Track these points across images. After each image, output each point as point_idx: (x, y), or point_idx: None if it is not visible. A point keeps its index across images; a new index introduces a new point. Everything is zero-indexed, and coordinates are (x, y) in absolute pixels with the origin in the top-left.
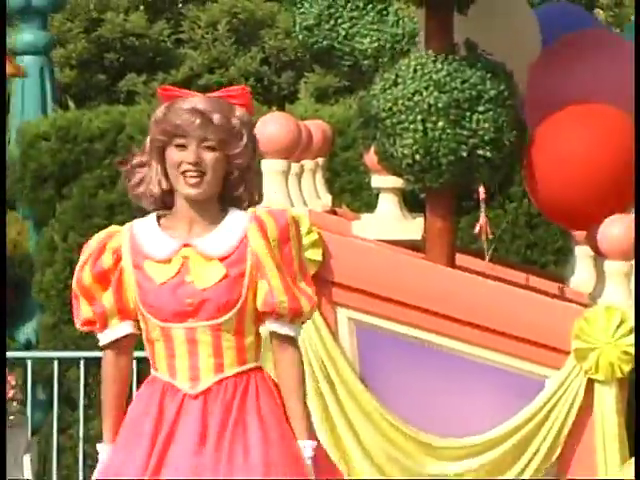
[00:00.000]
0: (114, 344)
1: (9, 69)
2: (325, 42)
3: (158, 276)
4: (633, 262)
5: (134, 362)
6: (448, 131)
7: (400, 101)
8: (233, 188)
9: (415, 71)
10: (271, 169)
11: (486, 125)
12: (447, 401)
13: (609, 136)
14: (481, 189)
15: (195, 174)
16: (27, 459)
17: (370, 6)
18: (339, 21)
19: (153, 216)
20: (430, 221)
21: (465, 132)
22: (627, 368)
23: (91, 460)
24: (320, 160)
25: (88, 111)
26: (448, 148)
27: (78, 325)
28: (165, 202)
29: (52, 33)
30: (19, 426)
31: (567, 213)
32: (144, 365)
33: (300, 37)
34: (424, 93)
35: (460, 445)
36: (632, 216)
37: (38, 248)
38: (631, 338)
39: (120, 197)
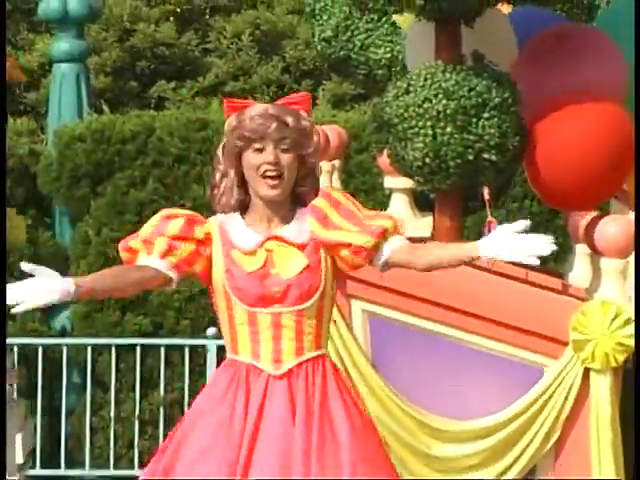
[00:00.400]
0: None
1: (13, 72)
2: (342, 52)
3: (246, 265)
4: (628, 260)
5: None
6: (456, 136)
7: (411, 108)
8: (301, 186)
9: (425, 80)
10: None
11: (491, 130)
12: (453, 387)
13: (601, 124)
14: (486, 191)
15: (274, 174)
16: (19, 437)
17: (384, 19)
18: (355, 33)
19: (236, 214)
20: (439, 220)
21: (471, 137)
22: (621, 358)
23: (121, 440)
24: (336, 162)
25: (121, 115)
26: (456, 152)
27: (123, 244)
28: (243, 205)
29: (88, 42)
30: (10, 407)
31: (563, 197)
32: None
33: (319, 47)
34: (434, 100)
35: (464, 429)
36: (627, 217)
37: (73, 242)
38: (625, 330)
39: (149, 195)
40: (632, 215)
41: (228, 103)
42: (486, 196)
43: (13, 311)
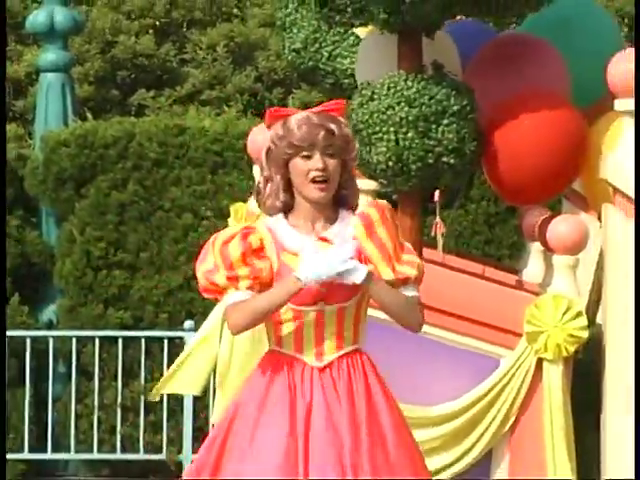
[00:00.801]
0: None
1: None
2: (310, 63)
3: (296, 266)
4: (578, 256)
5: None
6: (417, 141)
7: (375, 115)
8: (343, 189)
9: (389, 88)
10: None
11: (450, 136)
12: (416, 376)
13: (553, 124)
14: (436, 193)
15: (322, 179)
16: None
17: (350, 32)
18: (323, 44)
19: (280, 216)
20: (401, 219)
21: (431, 142)
22: (572, 348)
23: (104, 426)
24: None
25: (103, 122)
26: (417, 156)
27: (207, 278)
28: (287, 207)
29: (72, 53)
30: None
31: (519, 192)
32: None
33: (289, 58)
34: (396, 108)
35: (427, 415)
36: (577, 216)
37: (59, 241)
38: (576, 322)
39: (130, 197)
40: (582, 215)
41: (272, 112)
42: (436, 198)
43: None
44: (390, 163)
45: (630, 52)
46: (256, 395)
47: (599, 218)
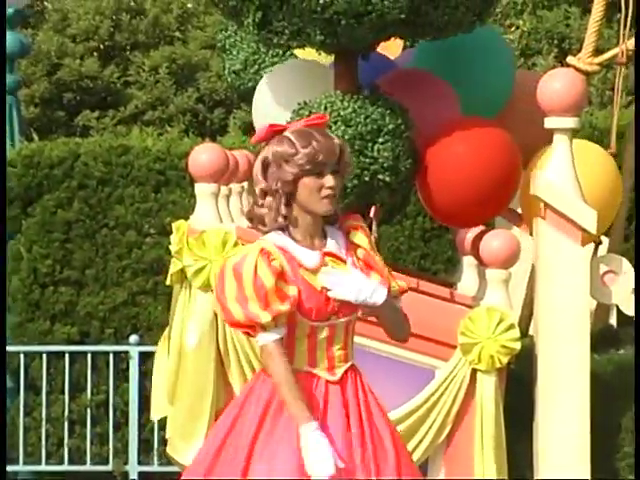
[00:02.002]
0: (279, 341)
1: None
2: (250, 83)
3: (315, 282)
4: (511, 270)
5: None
6: (353, 159)
7: None
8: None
9: (325, 108)
10: (203, 191)
11: (385, 154)
12: None
13: (485, 150)
14: (372, 209)
15: (333, 195)
16: None
17: (288, 53)
18: (262, 66)
19: (280, 233)
20: None
21: (367, 160)
22: (505, 360)
23: (52, 439)
24: (245, 184)
25: (49, 142)
26: (353, 174)
27: (240, 327)
28: (285, 222)
29: (19, 75)
30: None
31: (453, 215)
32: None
33: (229, 79)
34: (333, 127)
35: None
36: (509, 231)
37: (6, 259)
38: (509, 334)
39: (76, 215)
40: (515, 229)
41: (271, 128)
42: (372, 214)
43: None
44: None
45: (559, 71)
46: (261, 404)
47: (531, 233)
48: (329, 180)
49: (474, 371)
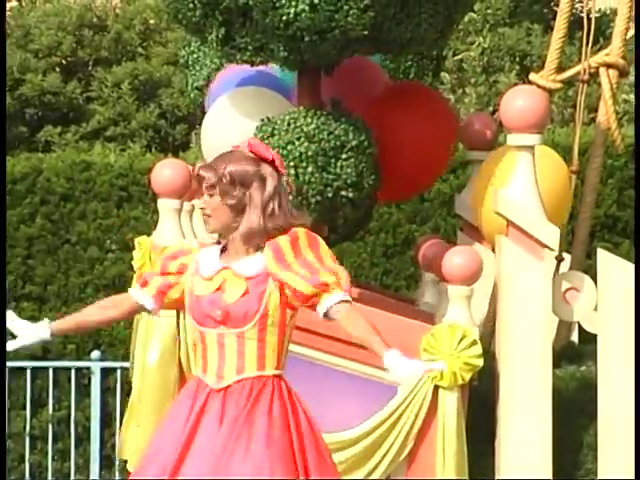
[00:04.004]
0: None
1: None
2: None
3: (201, 289)
4: (472, 287)
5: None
6: (316, 175)
7: (275, 150)
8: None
9: (289, 124)
10: (166, 207)
11: (349, 170)
12: (321, 405)
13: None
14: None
15: (203, 213)
16: None
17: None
18: None
19: (218, 246)
20: None
21: (331, 176)
22: (468, 376)
23: (13, 454)
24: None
25: (12, 157)
26: (316, 190)
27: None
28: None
29: None
30: None
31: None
32: None
33: (192, 95)
34: (296, 143)
35: (328, 441)
36: (471, 248)
37: None
38: (471, 350)
39: (38, 230)
40: (477, 246)
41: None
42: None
43: (8, 348)
44: (290, 197)
45: (522, 88)
46: (167, 416)
47: (493, 250)
48: (202, 200)
49: (436, 388)
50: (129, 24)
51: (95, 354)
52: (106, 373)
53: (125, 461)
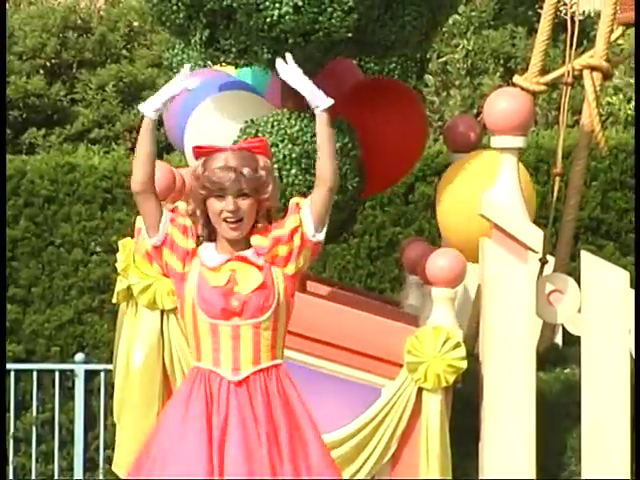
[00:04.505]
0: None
1: None
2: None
3: (212, 280)
4: (457, 289)
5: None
6: (300, 177)
7: None
8: (259, 221)
9: (272, 126)
10: None
11: None
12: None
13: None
14: None
15: (234, 219)
16: None
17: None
18: None
19: (210, 244)
20: None
21: (314, 178)
22: (451, 378)
23: None
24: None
25: None
26: (300, 192)
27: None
28: (213, 235)
29: None
30: None
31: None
32: None
33: None
34: (280, 145)
35: None
36: (454, 250)
37: None
38: (455, 353)
39: (22, 233)
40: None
41: (197, 149)
42: None
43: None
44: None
45: (506, 90)
46: (177, 409)
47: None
48: (229, 203)
49: (420, 390)
50: (113, 26)
51: (79, 356)
52: (90, 375)
53: (110, 463)
